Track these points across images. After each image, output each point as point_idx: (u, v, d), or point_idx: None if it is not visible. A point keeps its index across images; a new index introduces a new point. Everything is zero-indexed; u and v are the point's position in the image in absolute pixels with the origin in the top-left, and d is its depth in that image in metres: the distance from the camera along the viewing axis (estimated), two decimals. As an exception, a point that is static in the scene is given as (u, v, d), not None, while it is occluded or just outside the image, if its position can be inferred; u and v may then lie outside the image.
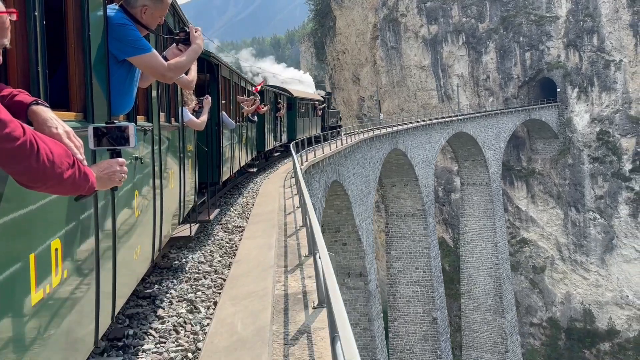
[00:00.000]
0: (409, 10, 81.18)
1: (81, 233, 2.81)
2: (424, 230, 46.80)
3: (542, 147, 73.21)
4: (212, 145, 10.62)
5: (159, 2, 3.47)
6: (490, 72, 75.62)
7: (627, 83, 66.72)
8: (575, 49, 69.88)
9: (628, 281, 66.27)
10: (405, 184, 45.96)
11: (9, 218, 2.01)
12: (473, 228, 61.85)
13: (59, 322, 2.51)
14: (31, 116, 2.04)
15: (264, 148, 20.15)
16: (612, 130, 67.46)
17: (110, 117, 3.36)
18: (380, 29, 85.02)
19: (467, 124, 56.07)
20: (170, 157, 5.88)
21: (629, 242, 65.94)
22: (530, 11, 72.89)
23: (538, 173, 72.92)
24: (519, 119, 66.46)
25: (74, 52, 2.94)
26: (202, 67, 10.15)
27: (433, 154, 49.53)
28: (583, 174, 68.66)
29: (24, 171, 1.76)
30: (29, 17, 2.30)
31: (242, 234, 9.11)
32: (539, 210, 72.74)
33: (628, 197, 65.80)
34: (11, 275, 2.01)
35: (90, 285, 2.98)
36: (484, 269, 61.47)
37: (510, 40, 73.92)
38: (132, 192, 3.99)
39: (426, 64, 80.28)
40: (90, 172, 2.12)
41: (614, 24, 67.28)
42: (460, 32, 77.33)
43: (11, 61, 2.23)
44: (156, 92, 5.12)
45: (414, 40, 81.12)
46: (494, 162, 61.68)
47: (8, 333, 2.01)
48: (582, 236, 68.80)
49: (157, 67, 3.46)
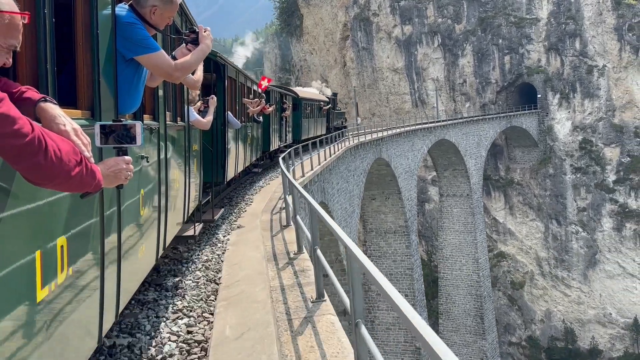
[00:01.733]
0: (382, 9, 76.56)
1: (87, 231, 2.81)
2: (406, 248, 41.74)
3: (521, 155, 69.49)
4: (217, 145, 10.59)
5: (168, 3, 3.42)
6: (467, 76, 71.59)
7: (610, 90, 63.54)
8: (557, 53, 66.42)
9: (611, 298, 62.89)
10: (387, 197, 40.81)
11: (16, 215, 2.01)
12: (452, 243, 57.26)
13: (64, 319, 2.50)
14: (39, 113, 2.03)
15: (269, 148, 19.93)
16: (595, 139, 64.13)
17: (117, 115, 3.35)
18: (351, 29, 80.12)
19: (449, 130, 51.45)
20: (175, 156, 5.86)
21: (612, 257, 62.58)
22: (509, 12, 69.18)
23: (517, 183, 69.11)
24: (500, 126, 62.39)
25: (82, 50, 2.94)
26: (208, 66, 10.19)
27: (416, 163, 44.59)
28: (565, 184, 65.10)
29: (32, 168, 1.77)
30: (39, 15, 2.31)
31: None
32: (518, 222, 68.89)
33: (612, 210, 62.47)
34: (17, 272, 2.01)
35: (95, 283, 2.97)
36: (464, 287, 56.93)
37: (489, 42, 70.04)
38: (137, 191, 4.01)
39: (399, 67, 75.74)
40: (97, 170, 2.11)
41: (597, 28, 64.07)
42: (435, 33, 73.09)
43: (20, 59, 2.22)
44: (163, 92, 5.15)
45: (387, 41, 76.52)
46: (475, 172, 57.29)
47: (13, 329, 1.99)
48: (563, 250, 65.16)
49: (164, 66, 3.43)
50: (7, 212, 1.95)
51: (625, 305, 62.00)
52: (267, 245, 7.93)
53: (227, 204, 12.50)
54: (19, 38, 1.82)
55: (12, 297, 1.98)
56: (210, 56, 10.40)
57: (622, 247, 61.96)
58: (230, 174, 11.74)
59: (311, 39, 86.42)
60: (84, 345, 2.87)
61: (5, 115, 1.64)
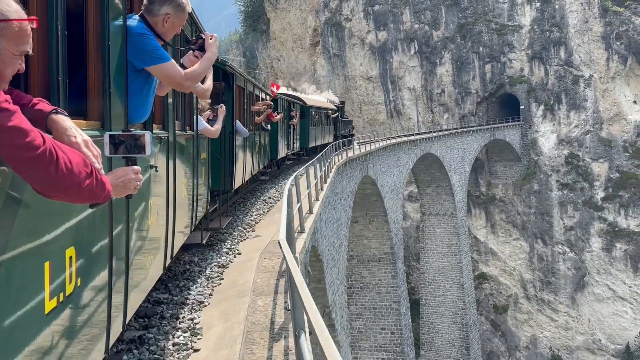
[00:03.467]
0: (355, 14, 71.73)
1: (95, 241, 2.81)
2: (392, 279, 36.39)
3: (503, 170, 65.34)
4: (225, 153, 10.63)
5: (180, 11, 3.45)
6: (446, 85, 67.22)
7: (597, 101, 60.00)
8: (541, 62, 62.68)
9: (601, 323, 58.88)
10: (370, 220, 35.45)
11: (27, 226, 2.03)
12: (435, 266, 52.30)
13: (71, 330, 2.49)
14: (51, 125, 2.05)
15: (277, 156, 19.88)
16: (582, 153, 60.39)
17: (127, 125, 3.35)
18: (322, 34, 75.03)
19: (433, 143, 46.60)
20: (184, 165, 5.86)
21: (601, 280, 58.67)
22: (490, 19, 65.24)
23: (499, 200, 64.84)
24: (483, 139, 58.04)
25: (93, 61, 2.96)
26: (217, 75, 10.13)
27: (401, 180, 39.44)
28: (551, 202, 61.07)
29: (43, 180, 1.79)
30: (51, 26, 2.32)
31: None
32: (500, 241, 64.52)
33: (601, 229, 58.64)
34: (26, 284, 2.02)
35: (103, 294, 2.96)
36: (448, 315, 51.95)
37: (469, 50, 65.89)
38: (146, 200, 3.97)
39: (373, 75, 70.91)
40: (107, 181, 2.13)
41: (583, 36, 60.60)
42: (412, 40, 68.59)
43: (33, 70, 2.25)
44: (172, 101, 5.14)
45: (360, 48, 71.67)
46: (459, 188, 52.61)
47: (22, 340, 1.99)
48: (549, 272, 60.98)
49: (175, 76, 3.43)
50: (18, 223, 1.95)
51: (616, 331, 58.05)
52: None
53: (233, 214, 12.19)
54: (30, 43, 1.82)
55: (21, 309, 1.97)
56: (219, 65, 10.55)
57: (611, 268, 58.11)
58: (238, 182, 11.68)
59: (279, 45, 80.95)
60: (91, 357, 2.85)
61: (17, 128, 1.66)
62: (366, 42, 71.08)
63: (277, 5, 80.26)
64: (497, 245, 64.55)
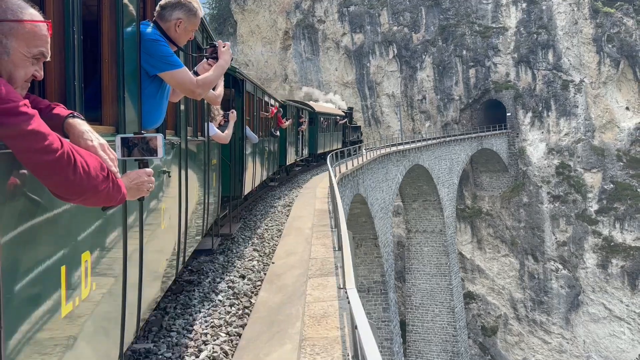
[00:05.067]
0: (329, 15, 66.97)
1: (110, 245, 2.82)
2: (383, 312, 31.28)
3: (489, 182, 61.17)
4: (235, 159, 10.66)
5: (192, 16, 3.45)
6: (427, 91, 62.90)
7: (589, 108, 56.40)
8: (528, 66, 58.89)
9: (596, 345, 54.89)
10: (358, 244, 30.32)
11: (44, 229, 2.05)
12: (423, 288, 47.43)
13: (86, 333, 2.49)
14: (67, 129, 2.07)
15: (285, 162, 19.97)
16: (574, 163, 56.61)
17: (141, 130, 3.33)
18: (293, 37, 70.03)
19: (422, 154, 41.86)
20: (195, 170, 5.88)
21: (597, 298, 54.73)
22: (473, 20, 61.25)
23: (486, 213, 60.58)
24: (471, 149, 53.69)
25: (107, 66, 2.98)
26: (227, 82, 9.92)
27: (390, 197, 34.48)
28: (542, 215, 57.02)
29: (61, 183, 1.81)
30: (67, 32, 2.35)
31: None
32: (488, 258, 60.18)
33: (595, 244, 54.78)
34: (44, 288, 2.03)
35: (117, 298, 2.97)
36: (437, 343, 47.06)
37: (451, 54, 61.72)
38: (159, 205, 3.98)
39: (349, 80, 66.17)
40: (122, 184, 2.15)
41: (572, 39, 57.05)
42: (390, 43, 64.13)
43: (49, 75, 2.28)
44: (184, 107, 5.17)
45: (335, 52, 66.88)
46: (448, 202, 48.01)
47: (39, 344, 2.01)
48: (541, 291, 56.80)
49: (187, 83, 3.43)
50: (36, 226, 1.96)
51: (613, 353, 54.11)
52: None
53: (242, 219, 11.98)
54: (46, 47, 1.83)
55: (39, 313, 1.98)
56: (230, 71, 10.31)
57: (607, 286, 54.23)
58: (248, 187, 11.70)
59: (247, 49, 75.51)
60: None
61: (36, 132, 1.68)
62: (341, 45, 66.35)
63: (244, 7, 74.96)
64: (485, 262, 60.18)
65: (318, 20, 67.71)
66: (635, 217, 53.34)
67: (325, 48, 67.37)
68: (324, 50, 67.40)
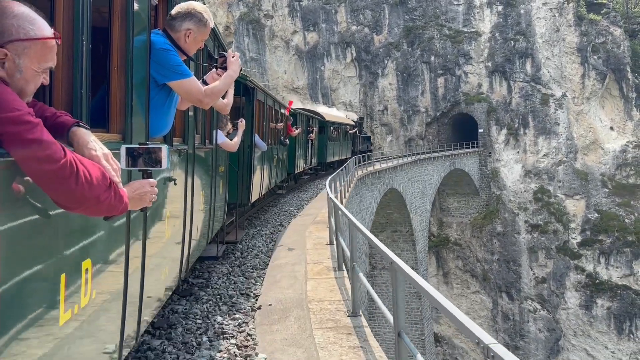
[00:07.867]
0: (277, 10, 58.04)
1: (112, 254, 2.79)
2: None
3: (457, 206, 53.65)
4: (243, 167, 10.64)
5: (202, 26, 3.45)
6: (389, 101, 54.94)
7: (571, 126, 49.99)
8: (503, 76, 52.03)
9: (578, 397, 47.95)
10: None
11: (45, 237, 2.04)
12: (389, 339, 38.65)
13: (84, 343, 2.48)
14: (72, 138, 2.06)
15: (294, 170, 20.06)
16: (554, 188, 49.90)
17: (148, 139, 3.33)
18: (235, 33, 60.46)
19: (397, 175, 33.41)
20: (202, 178, 5.87)
21: (579, 344, 47.86)
22: (443, 23, 53.96)
23: (454, 243, 52.92)
24: (444, 169, 45.85)
25: (116, 74, 2.97)
26: (238, 89, 9.84)
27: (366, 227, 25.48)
28: (518, 247, 49.85)
29: (63, 192, 1.81)
30: (76, 40, 2.35)
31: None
32: (456, 294, 52.38)
33: (578, 281, 48.04)
34: (42, 296, 2.02)
35: (117, 307, 2.95)
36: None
37: (417, 60, 54.10)
38: (164, 213, 3.93)
39: (301, 85, 57.31)
40: (125, 194, 2.14)
41: (553, 48, 50.66)
42: (348, 44, 55.89)
43: (57, 82, 2.28)
44: (193, 114, 5.17)
45: (284, 52, 57.92)
46: (420, 233, 39.79)
47: (35, 353, 1.99)
48: (517, 334, 49.41)
49: (195, 92, 3.44)
50: (37, 234, 1.97)
51: (596, 406, 47.30)
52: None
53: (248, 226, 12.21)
54: (54, 59, 1.86)
55: (36, 321, 1.97)
56: (240, 79, 10.27)
57: (591, 329, 47.48)
58: (255, 195, 11.70)
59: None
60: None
61: (39, 141, 1.69)
62: (292, 44, 57.49)
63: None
64: (452, 299, 52.23)
65: (265, 14, 58.63)
66: (623, 251, 47.00)
67: (273, 47, 58.32)
68: (271, 49, 58.32)
